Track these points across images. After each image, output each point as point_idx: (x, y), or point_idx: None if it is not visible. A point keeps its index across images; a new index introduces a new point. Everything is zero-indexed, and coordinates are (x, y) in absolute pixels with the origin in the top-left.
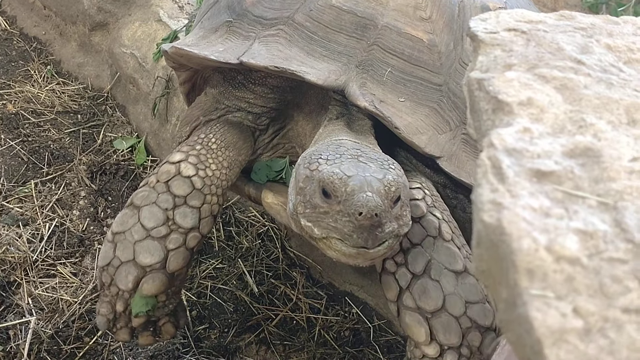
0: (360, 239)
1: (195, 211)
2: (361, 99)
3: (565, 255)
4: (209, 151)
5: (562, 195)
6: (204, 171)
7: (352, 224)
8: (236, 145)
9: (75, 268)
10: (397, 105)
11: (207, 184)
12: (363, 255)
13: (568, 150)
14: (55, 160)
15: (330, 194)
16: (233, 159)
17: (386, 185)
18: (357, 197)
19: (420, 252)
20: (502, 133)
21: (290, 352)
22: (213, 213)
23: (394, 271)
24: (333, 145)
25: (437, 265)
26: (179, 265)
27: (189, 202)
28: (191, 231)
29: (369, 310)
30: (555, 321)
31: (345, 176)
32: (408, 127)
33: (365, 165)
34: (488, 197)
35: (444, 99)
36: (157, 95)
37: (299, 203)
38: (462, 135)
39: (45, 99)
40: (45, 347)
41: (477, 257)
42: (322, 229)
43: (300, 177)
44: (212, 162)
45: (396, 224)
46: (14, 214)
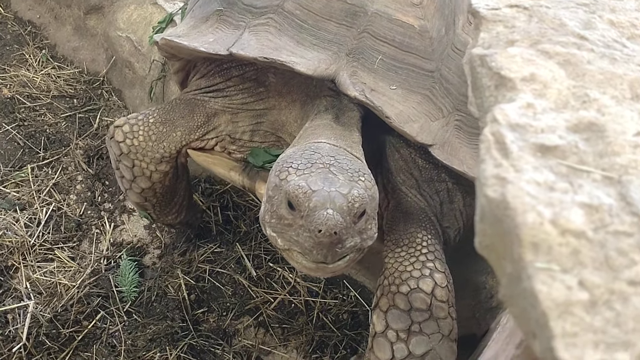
0: (319, 254)
1: (129, 169)
2: (351, 88)
3: (570, 228)
4: (145, 123)
5: (566, 169)
6: (130, 140)
7: (312, 240)
8: (175, 122)
9: (73, 252)
10: (388, 93)
11: (132, 152)
12: (322, 270)
13: (572, 125)
14: (52, 145)
15: (295, 207)
16: (164, 134)
17: (350, 202)
18: (317, 215)
19: (425, 342)
20: (506, 108)
21: (289, 335)
22: (146, 175)
23: (393, 341)
24: (308, 151)
25: (434, 355)
26: (135, 200)
27: (122, 160)
28: (132, 182)
29: (367, 293)
30: (561, 294)
31: (310, 190)
32: (399, 115)
33: (333, 177)
34: (492, 172)
35: (436, 85)
36: (154, 79)
37: (267, 212)
38: (455, 122)
39: (40, 83)
40: (44, 331)
41: (481, 232)
42: (285, 241)
43: (270, 184)
44: (141, 134)
45: (359, 238)
46: (11, 199)
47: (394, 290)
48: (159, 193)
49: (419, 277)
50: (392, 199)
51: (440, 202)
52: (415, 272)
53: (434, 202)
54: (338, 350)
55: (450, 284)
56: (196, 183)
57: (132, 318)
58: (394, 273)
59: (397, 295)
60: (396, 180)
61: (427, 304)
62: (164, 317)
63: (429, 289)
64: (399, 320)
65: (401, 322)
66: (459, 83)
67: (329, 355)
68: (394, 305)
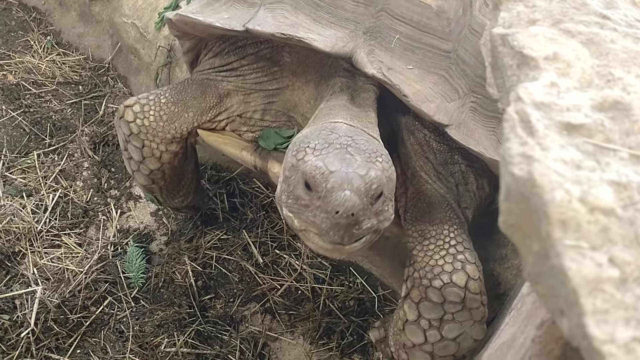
0: (336, 236)
1: (138, 150)
2: (369, 66)
3: (599, 206)
4: (156, 102)
5: (593, 147)
6: (141, 120)
7: (329, 221)
8: (187, 103)
9: (80, 239)
10: (405, 72)
11: (142, 132)
12: (339, 251)
13: (597, 103)
14: (58, 132)
15: (312, 188)
16: (176, 114)
17: (367, 183)
18: (335, 196)
19: (458, 328)
20: (530, 87)
21: (296, 321)
22: (155, 155)
23: (426, 329)
24: (325, 131)
25: (466, 336)
26: (143, 182)
27: (131, 140)
28: (141, 163)
29: (373, 280)
30: (591, 271)
31: (328, 171)
32: (416, 95)
33: (351, 158)
34: (517, 151)
35: (452, 66)
36: (159, 65)
37: (283, 192)
38: (470, 104)
39: (45, 70)
40: (52, 317)
41: (506, 211)
42: (301, 222)
43: (287, 164)
44: (152, 114)
45: (375, 220)
46: (17, 185)
47: (426, 283)
48: (167, 175)
49: (451, 271)
50: (412, 185)
51: (455, 183)
52: (447, 266)
53: (450, 185)
54: (345, 336)
55: (481, 274)
56: (202, 170)
57: (139, 304)
58: (425, 267)
59: (429, 289)
60: (415, 166)
61: (461, 297)
62: (172, 303)
63: (462, 283)
64: (431, 311)
65: (434, 313)
66: (475, 64)
67: (336, 342)
68: (427, 298)
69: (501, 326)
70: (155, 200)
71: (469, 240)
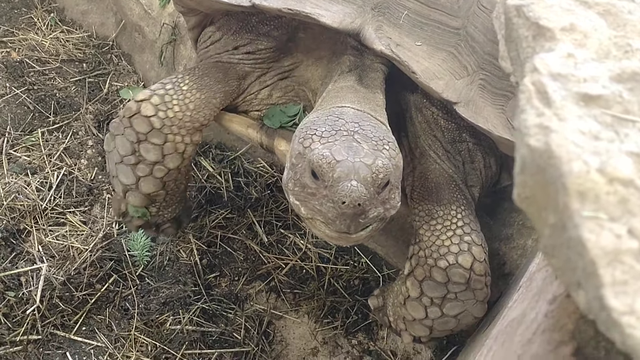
0: (342, 225)
1: (158, 148)
2: (377, 42)
3: (618, 177)
4: (177, 91)
5: (611, 119)
6: (164, 112)
7: (336, 210)
8: (212, 87)
9: (85, 217)
10: (413, 49)
11: (166, 125)
12: (345, 239)
13: (615, 75)
14: (62, 109)
15: (318, 177)
16: (204, 101)
17: (374, 172)
18: (342, 186)
19: (460, 306)
20: (546, 58)
21: (300, 300)
22: (179, 150)
23: (427, 305)
24: (332, 117)
25: (466, 314)
26: (150, 190)
27: (150, 139)
28: (156, 164)
29: (378, 259)
30: (610, 242)
31: (334, 161)
32: (425, 72)
33: (357, 146)
34: (534, 122)
35: (461, 43)
36: (164, 43)
37: (290, 179)
38: (479, 81)
39: (49, 47)
40: (57, 294)
41: (521, 184)
42: (308, 210)
43: (294, 152)
44: (176, 103)
45: (382, 208)
46: (22, 163)
47: (431, 263)
48: (182, 173)
49: (457, 252)
50: (420, 164)
51: (462, 162)
52: (454, 247)
53: (457, 163)
54: (349, 315)
55: (487, 255)
56: (207, 149)
57: (144, 282)
58: (431, 247)
59: (434, 268)
60: (424, 145)
61: (466, 278)
62: (177, 282)
63: (468, 264)
64: (435, 290)
65: (437, 291)
66: (484, 41)
67: (340, 320)
68: (431, 277)
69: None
70: (146, 215)
71: (476, 222)
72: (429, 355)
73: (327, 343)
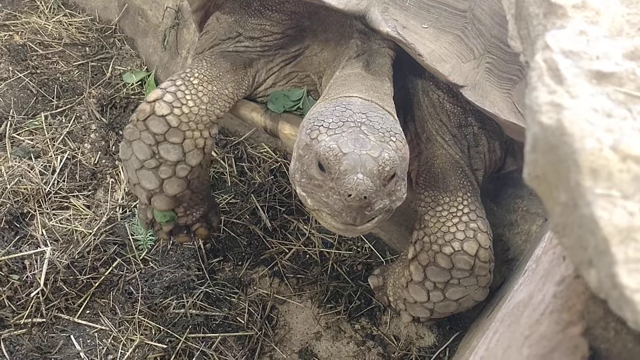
0: (348, 217)
1: (177, 147)
2: (383, 24)
3: (631, 154)
4: (188, 86)
5: (624, 96)
6: (179, 109)
7: (342, 203)
8: (222, 78)
9: (88, 201)
10: (420, 32)
11: (183, 121)
12: (351, 231)
13: (628, 52)
14: (65, 93)
15: (325, 169)
16: (216, 93)
17: (380, 165)
18: (348, 179)
19: (462, 291)
20: (558, 35)
21: (304, 285)
22: (199, 146)
23: (430, 290)
24: (340, 108)
25: (468, 298)
26: (175, 191)
27: (168, 139)
28: (178, 164)
29: (381, 245)
30: (623, 220)
31: (341, 153)
32: (431, 54)
33: (364, 138)
34: (546, 99)
35: (468, 26)
36: (167, 27)
37: (297, 170)
38: (486, 64)
39: (52, 31)
40: (61, 277)
41: (532, 163)
42: (314, 202)
43: (301, 143)
44: (190, 98)
45: (388, 200)
46: (25, 147)
47: (435, 249)
48: (203, 169)
49: (463, 239)
50: (426, 149)
51: (468, 146)
52: (459, 233)
53: (463, 148)
54: (352, 300)
55: (491, 242)
56: None
57: (148, 266)
58: (437, 233)
59: (439, 254)
60: (431, 129)
61: (471, 265)
62: (180, 266)
63: (473, 251)
64: (438, 275)
65: (441, 277)
66: (491, 24)
67: (344, 305)
68: (435, 263)
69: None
70: (174, 218)
71: (481, 208)
72: (432, 340)
73: (330, 328)
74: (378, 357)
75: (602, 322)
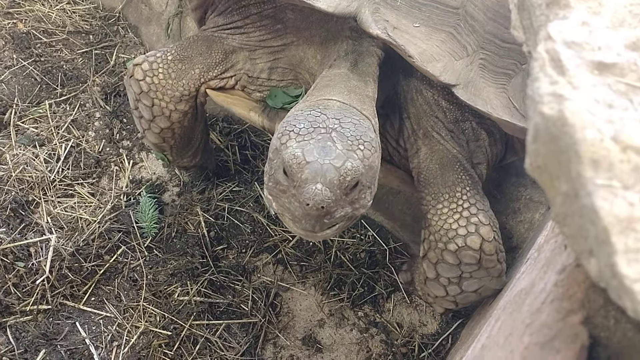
0: (307, 224)
1: (148, 108)
2: (373, 26)
3: (632, 145)
4: (163, 61)
5: (625, 87)
6: (150, 78)
7: (302, 210)
8: (192, 59)
9: (93, 188)
10: (411, 31)
11: (152, 90)
12: (312, 237)
13: (630, 43)
14: (69, 81)
15: (289, 176)
16: (183, 71)
17: (342, 175)
18: (307, 188)
19: (477, 282)
20: (560, 25)
21: (307, 272)
22: (165, 114)
23: (445, 285)
24: (315, 112)
25: (485, 288)
26: (154, 140)
27: (141, 99)
28: (151, 122)
29: (384, 233)
30: (623, 210)
31: (304, 161)
32: (422, 54)
33: (331, 146)
34: (547, 90)
35: (461, 22)
36: (171, 15)
37: (266, 173)
38: (479, 61)
39: (56, 19)
40: (67, 265)
41: (533, 153)
42: (279, 206)
43: (272, 147)
44: (161, 72)
45: (350, 208)
46: (30, 134)
47: (441, 247)
48: (177, 134)
49: (465, 234)
50: (424, 145)
51: (467, 140)
52: (461, 229)
53: (461, 142)
54: (355, 288)
55: (497, 233)
56: (214, 122)
57: (152, 253)
58: (440, 231)
59: (445, 252)
60: (426, 126)
61: (477, 259)
62: (184, 253)
63: (477, 246)
64: (449, 271)
65: (452, 272)
66: (484, 20)
67: (347, 293)
68: (443, 260)
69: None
70: (165, 159)
71: (483, 200)
72: (435, 327)
73: (333, 315)
74: (381, 344)
75: (602, 310)
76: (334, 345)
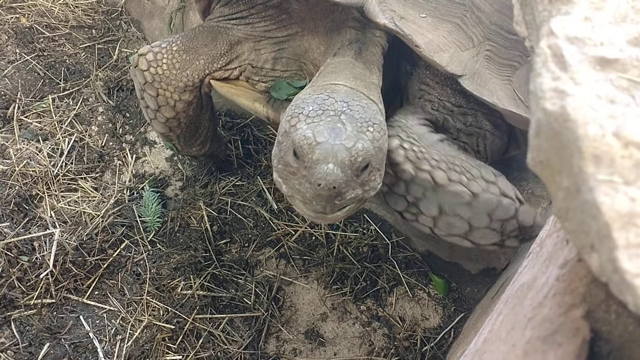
0: (318, 205)
1: (153, 98)
2: (380, 16)
3: (634, 141)
4: (168, 51)
5: (627, 83)
6: (155, 69)
7: (312, 191)
8: (198, 50)
9: (96, 183)
10: (418, 21)
11: (156, 80)
12: (322, 219)
13: (632, 38)
14: (72, 76)
15: (299, 157)
16: (187, 62)
17: (353, 155)
18: (319, 168)
19: (428, 201)
20: (562, 21)
21: (310, 266)
22: (170, 104)
23: (414, 219)
24: (323, 95)
25: (448, 205)
26: (160, 130)
27: (146, 89)
28: (157, 111)
29: (387, 227)
30: (624, 205)
31: (315, 142)
32: (429, 44)
33: (341, 127)
34: (550, 85)
35: (467, 13)
36: (173, 10)
37: (275, 156)
38: (485, 52)
39: (58, 13)
40: (70, 259)
41: (535, 148)
42: (289, 188)
43: (281, 129)
44: (165, 62)
45: (360, 190)
46: (33, 129)
47: None
48: (183, 123)
49: None
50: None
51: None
52: None
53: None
54: (358, 282)
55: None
56: (217, 117)
57: (156, 247)
58: None
59: None
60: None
61: None
62: (188, 247)
63: None
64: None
65: None
66: (490, 11)
67: (349, 287)
68: None
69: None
70: (173, 148)
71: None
72: (437, 321)
73: (336, 309)
74: (383, 337)
75: (603, 305)
76: (337, 339)
